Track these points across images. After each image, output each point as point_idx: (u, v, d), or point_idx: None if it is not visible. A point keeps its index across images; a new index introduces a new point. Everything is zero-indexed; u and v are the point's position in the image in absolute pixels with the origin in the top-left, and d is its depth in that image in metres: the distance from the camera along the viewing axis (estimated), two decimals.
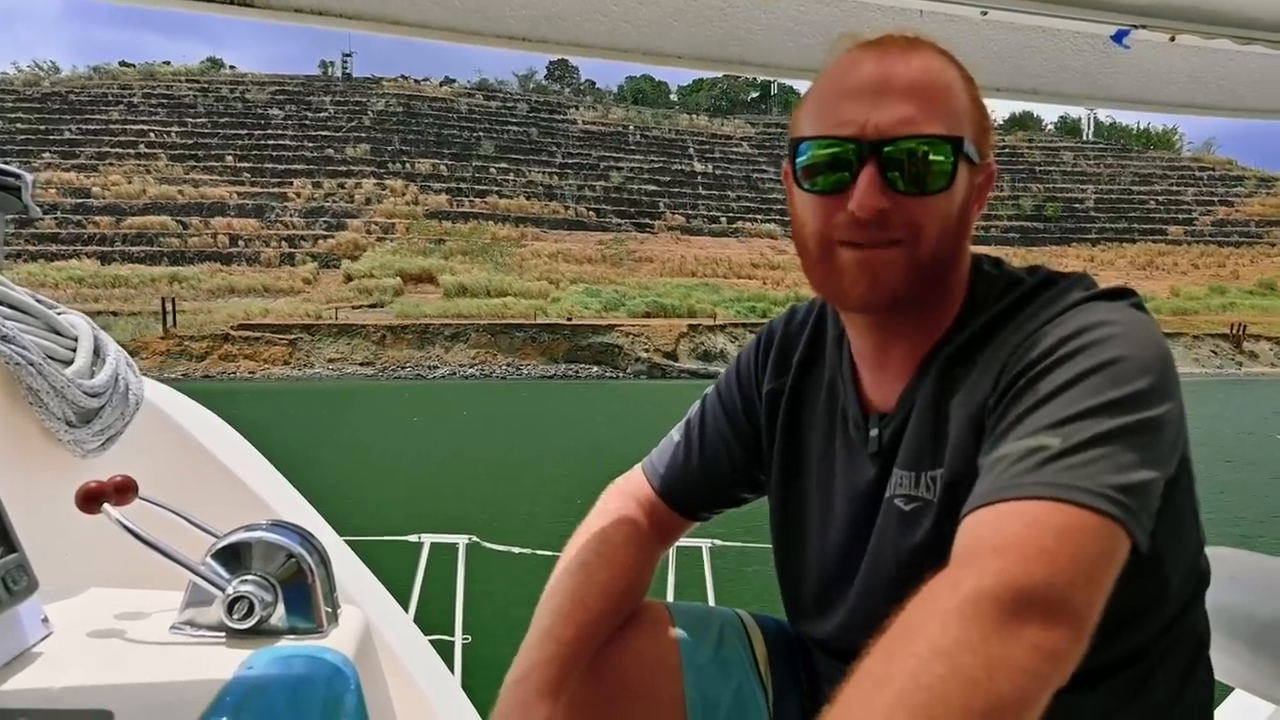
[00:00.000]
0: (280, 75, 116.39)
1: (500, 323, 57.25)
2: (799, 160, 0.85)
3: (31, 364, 1.20)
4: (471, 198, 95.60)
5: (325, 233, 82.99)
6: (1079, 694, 0.64)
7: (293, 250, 78.95)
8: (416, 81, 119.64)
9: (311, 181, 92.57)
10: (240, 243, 79.39)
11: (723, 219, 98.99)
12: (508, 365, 53.88)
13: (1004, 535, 0.65)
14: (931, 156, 0.80)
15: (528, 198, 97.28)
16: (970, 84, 0.85)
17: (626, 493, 1.13)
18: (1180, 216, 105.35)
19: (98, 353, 1.38)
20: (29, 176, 1.33)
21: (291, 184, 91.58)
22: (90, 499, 0.95)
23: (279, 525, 1.04)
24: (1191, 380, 48.90)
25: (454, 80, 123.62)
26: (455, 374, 52.14)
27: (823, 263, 0.85)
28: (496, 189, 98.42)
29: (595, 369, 53.16)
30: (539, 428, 21.91)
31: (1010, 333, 0.82)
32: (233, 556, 0.98)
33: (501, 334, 55.51)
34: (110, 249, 76.29)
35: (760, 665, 1.07)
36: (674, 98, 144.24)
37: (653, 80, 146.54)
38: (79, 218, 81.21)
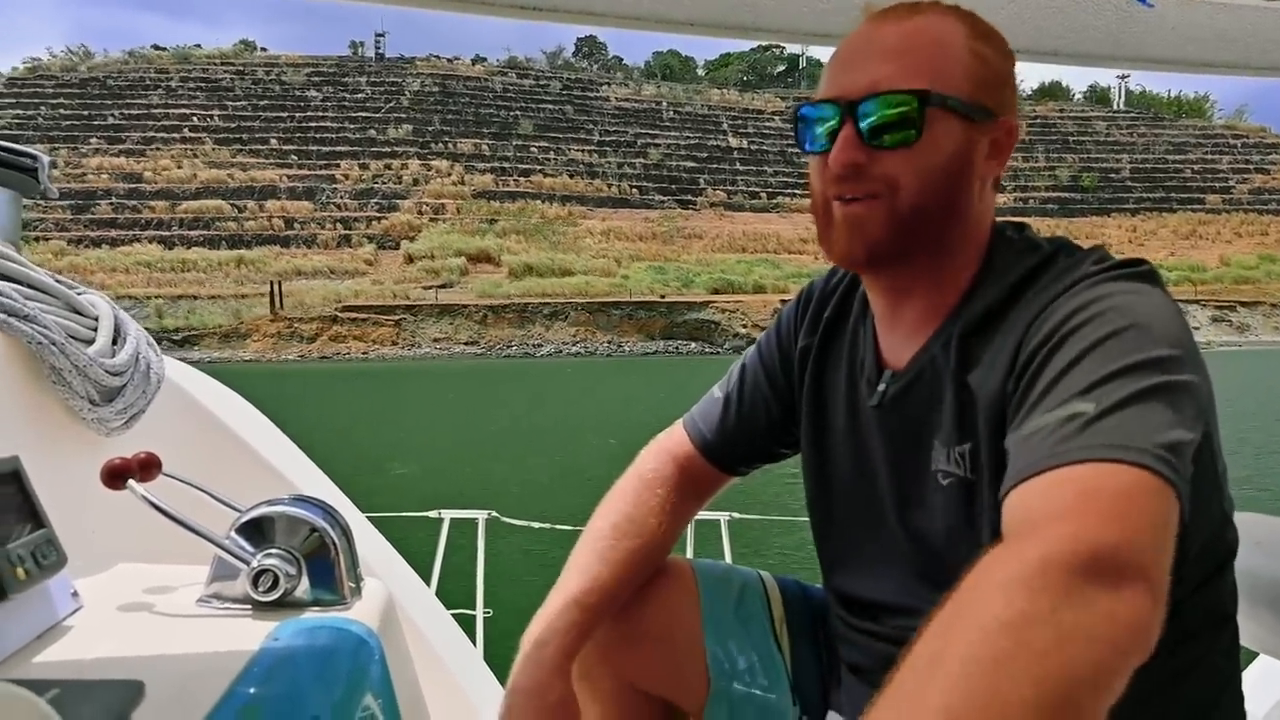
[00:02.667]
0: (314, 56, 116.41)
1: (598, 301, 58.40)
2: (799, 124, 0.90)
3: (54, 343, 1.20)
4: (516, 177, 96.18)
5: (378, 214, 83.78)
6: None
7: (348, 232, 79.84)
8: (449, 61, 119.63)
9: (358, 163, 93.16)
10: (296, 225, 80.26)
11: (762, 194, 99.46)
12: (608, 342, 55.16)
13: (1060, 503, 0.62)
14: (896, 110, 0.82)
15: (570, 176, 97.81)
16: (981, 40, 0.86)
17: (665, 449, 1.15)
18: (1217, 185, 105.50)
19: (118, 332, 1.39)
20: (45, 158, 1.35)
21: (338, 166, 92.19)
22: (115, 475, 0.96)
23: (301, 500, 1.05)
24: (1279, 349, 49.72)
25: (484, 59, 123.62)
26: (560, 351, 53.36)
27: (822, 219, 0.89)
28: (539, 168, 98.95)
29: (693, 345, 54.17)
30: None
31: (1023, 307, 0.82)
32: (256, 531, 0.99)
33: (599, 312, 56.74)
34: (169, 233, 77.15)
35: (777, 625, 1.10)
36: (701, 72, 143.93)
37: (679, 55, 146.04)
38: (134, 203, 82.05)
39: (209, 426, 1.58)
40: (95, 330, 1.33)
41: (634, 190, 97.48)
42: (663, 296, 60.18)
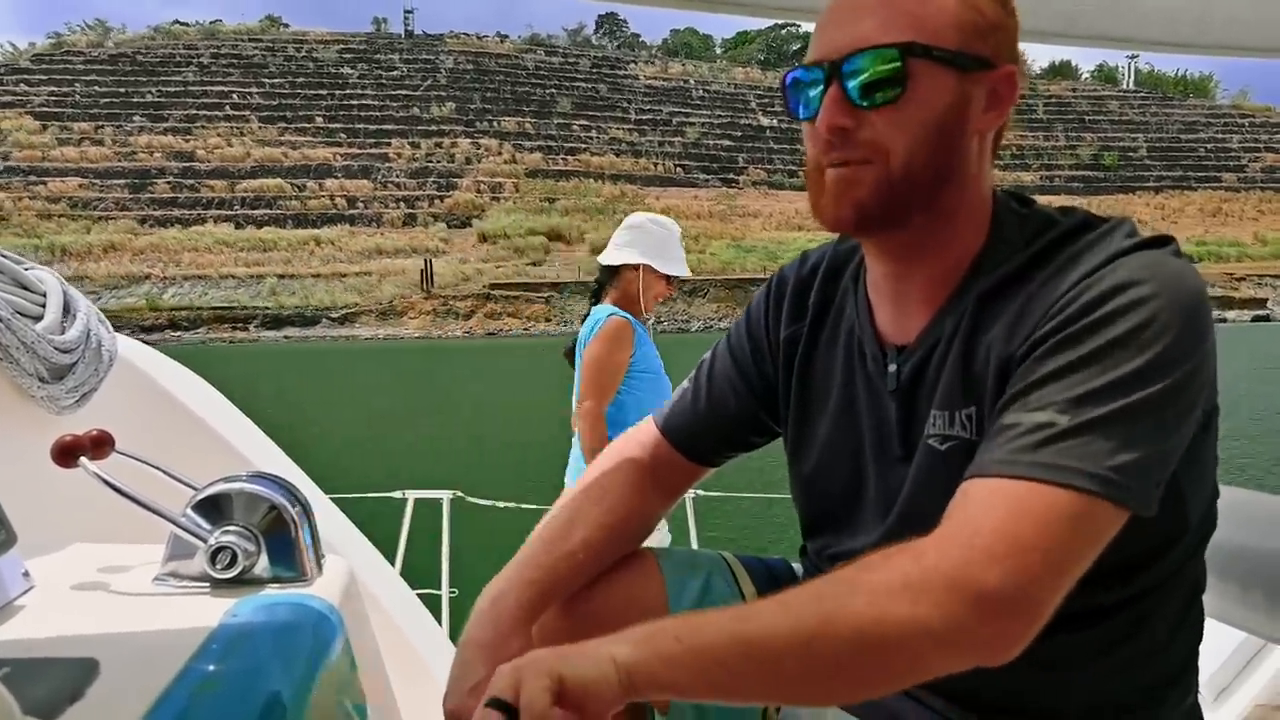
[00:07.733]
0: (342, 33, 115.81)
1: (734, 278, 60.41)
2: (789, 91, 0.88)
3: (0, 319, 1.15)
4: (564, 155, 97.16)
5: (438, 193, 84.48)
6: (1076, 633, 0.65)
7: (413, 211, 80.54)
8: (479, 38, 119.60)
9: (408, 142, 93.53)
10: (359, 204, 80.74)
11: (800, 173, 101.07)
12: None
13: (985, 519, 0.68)
14: (878, 66, 0.79)
15: (616, 155, 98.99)
16: None
17: (632, 439, 1.14)
18: (1231, 164, 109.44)
19: (68, 309, 1.35)
20: None
21: (389, 144, 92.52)
22: (66, 453, 0.93)
23: (259, 476, 1.02)
24: None
25: (507, 36, 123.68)
26: (709, 327, 55.07)
27: (814, 186, 0.87)
28: (584, 146, 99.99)
29: None
30: None
31: (1050, 275, 0.80)
32: (213, 508, 0.97)
33: (736, 288, 58.61)
34: (233, 212, 77.35)
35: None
36: (719, 50, 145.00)
37: (697, 32, 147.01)
38: (191, 182, 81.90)
39: (164, 404, 1.56)
40: (44, 307, 1.30)
41: (678, 169, 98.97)
42: None
